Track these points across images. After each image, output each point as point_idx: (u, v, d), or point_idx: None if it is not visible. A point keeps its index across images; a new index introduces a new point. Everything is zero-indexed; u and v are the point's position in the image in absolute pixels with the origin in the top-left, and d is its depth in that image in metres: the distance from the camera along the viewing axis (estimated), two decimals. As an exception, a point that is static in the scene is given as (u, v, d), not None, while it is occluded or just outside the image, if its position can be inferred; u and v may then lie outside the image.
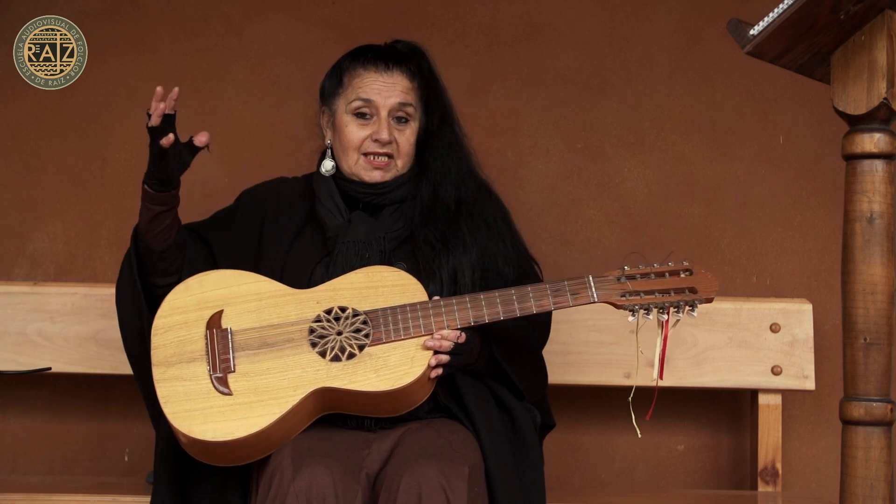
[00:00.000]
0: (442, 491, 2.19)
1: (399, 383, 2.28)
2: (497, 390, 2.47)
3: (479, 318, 2.35)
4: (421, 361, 2.31)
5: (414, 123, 2.58)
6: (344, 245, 2.49)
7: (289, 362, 2.30)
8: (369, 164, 2.55)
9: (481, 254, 2.50)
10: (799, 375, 3.04)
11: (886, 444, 2.02)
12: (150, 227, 2.42)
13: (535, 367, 2.58)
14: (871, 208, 2.01)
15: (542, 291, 2.37)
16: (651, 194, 3.29)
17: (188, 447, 2.30)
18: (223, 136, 3.29)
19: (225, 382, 2.28)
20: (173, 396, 2.28)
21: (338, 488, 2.19)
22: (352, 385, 2.28)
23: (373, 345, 2.32)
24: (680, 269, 2.40)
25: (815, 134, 3.27)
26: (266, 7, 3.33)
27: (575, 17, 3.32)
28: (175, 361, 2.31)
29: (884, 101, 1.99)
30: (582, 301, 2.37)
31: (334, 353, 2.31)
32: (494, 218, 2.58)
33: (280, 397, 2.26)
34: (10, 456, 3.24)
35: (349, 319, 2.35)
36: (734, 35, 2.03)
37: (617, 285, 2.38)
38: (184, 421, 2.25)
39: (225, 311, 2.36)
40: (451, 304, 2.36)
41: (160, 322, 2.36)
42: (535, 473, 2.44)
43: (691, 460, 3.26)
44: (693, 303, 2.37)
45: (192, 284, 2.40)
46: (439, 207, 2.53)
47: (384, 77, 2.55)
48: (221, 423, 2.24)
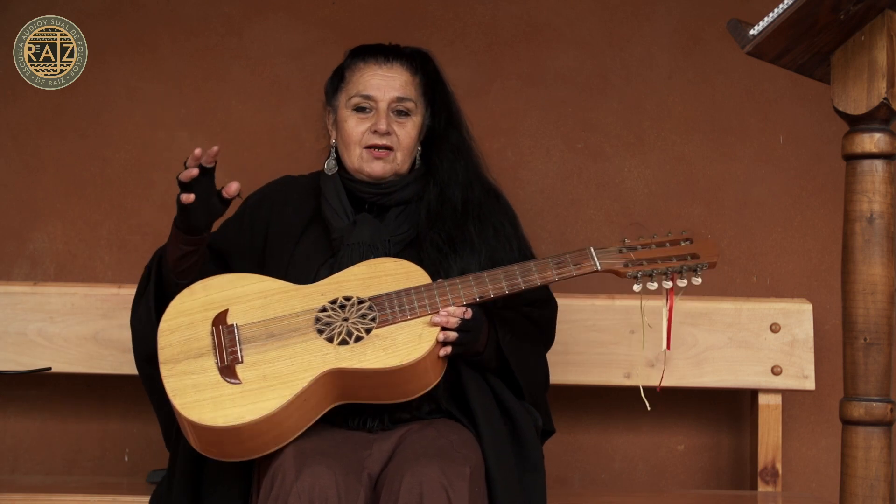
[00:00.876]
0: (443, 491, 2.19)
1: (409, 358, 2.29)
2: (499, 392, 2.47)
3: (483, 293, 2.36)
4: (429, 337, 2.32)
5: (415, 118, 2.58)
6: (349, 247, 2.49)
7: (296, 349, 2.31)
8: (370, 155, 2.54)
9: (488, 257, 2.50)
10: (799, 375, 3.04)
11: (886, 444, 2.02)
12: (178, 263, 2.44)
13: (538, 366, 2.58)
14: (871, 208, 2.01)
15: (545, 264, 2.39)
16: (651, 194, 3.29)
17: (200, 441, 2.28)
18: (223, 136, 3.29)
19: (233, 372, 2.28)
20: (182, 389, 2.27)
21: (340, 489, 2.18)
22: (361, 364, 2.28)
23: (380, 326, 2.33)
24: (680, 239, 2.41)
25: (815, 134, 3.27)
26: (266, 7, 3.33)
27: (575, 17, 3.32)
28: (182, 358, 2.31)
29: (884, 101, 1.99)
30: (585, 270, 2.38)
31: (342, 337, 2.32)
32: (502, 222, 2.58)
33: (290, 381, 2.26)
34: (10, 456, 3.24)
35: (355, 307, 2.36)
36: (734, 35, 2.03)
37: (619, 255, 2.38)
38: (193, 410, 2.24)
39: (230, 309, 2.37)
40: (455, 283, 2.37)
41: (165, 325, 2.36)
42: (536, 476, 2.44)
43: (691, 460, 3.26)
44: (696, 268, 2.36)
45: (196, 289, 2.41)
46: (446, 209, 2.53)
47: (383, 70, 2.56)
48: (232, 409, 2.23)
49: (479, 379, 2.46)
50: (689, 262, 2.36)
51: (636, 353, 2.91)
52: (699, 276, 2.37)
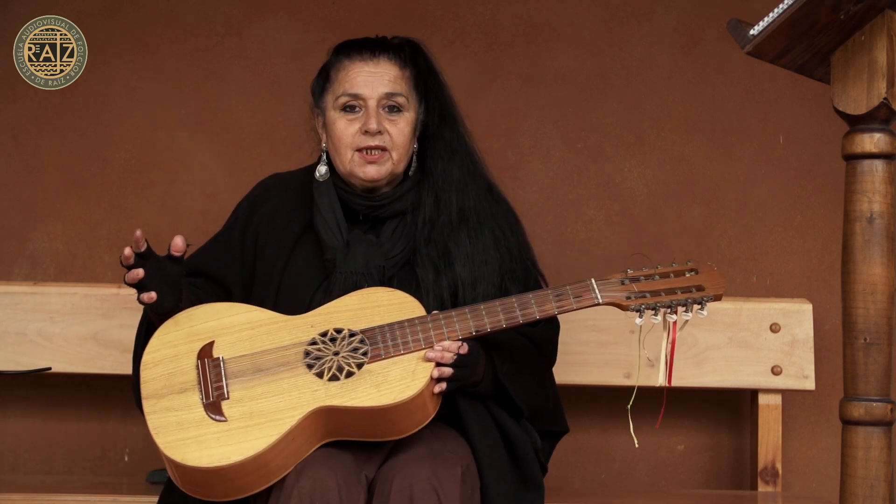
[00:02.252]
0: (433, 492, 2.16)
1: (402, 396, 2.18)
2: (496, 413, 2.40)
3: (480, 327, 2.28)
4: (423, 373, 2.21)
5: (408, 114, 2.47)
6: (342, 276, 2.41)
7: (285, 385, 2.20)
8: (363, 158, 2.44)
9: (486, 270, 2.43)
10: (799, 375, 3.04)
11: (886, 444, 2.02)
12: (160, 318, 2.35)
13: (539, 388, 2.49)
14: (871, 208, 2.01)
15: (545, 297, 2.30)
16: (651, 194, 3.29)
17: (184, 481, 2.19)
18: (223, 136, 3.29)
19: (219, 409, 2.19)
20: (165, 427, 2.18)
21: (342, 490, 2.16)
22: (352, 402, 2.18)
23: (371, 361, 2.23)
24: (685, 270, 2.33)
25: (815, 134, 3.27)
26: (266, 7, 3.33)
27: (575, 17, 3.32)
28: (165, 393, 2.22)
29: (884, 101, 1.99)
30: (586, 303, 2.30)
31: (332, 372, 2.21)
32: (502, 229, 2.49)
33: (277, 419, 2.16)
34: (10, 456, 3.24)
35: (346, 340, 2.26)
36: (734, 35, 2.03)
37: (621, 287, 2.30)
38: (177, 450, 2.14)
39: (216, 341, 2.28)
40: (450, 316, 2.28)
41: (148, 357, 2.26)
42: (534, 494, 2.41)
43: (691, 460, 3.26)
44: (702, 300, 2.27)
45: (181, 319, 2.31)
46: (442, 219, 2.44)
47: (370, 66, 2.45)
48: (217, 449, 2.13)
49: (475, 400, 2.39)
50: (693, 295, 2.28)
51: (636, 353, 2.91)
52: (704, 310, 2.28)
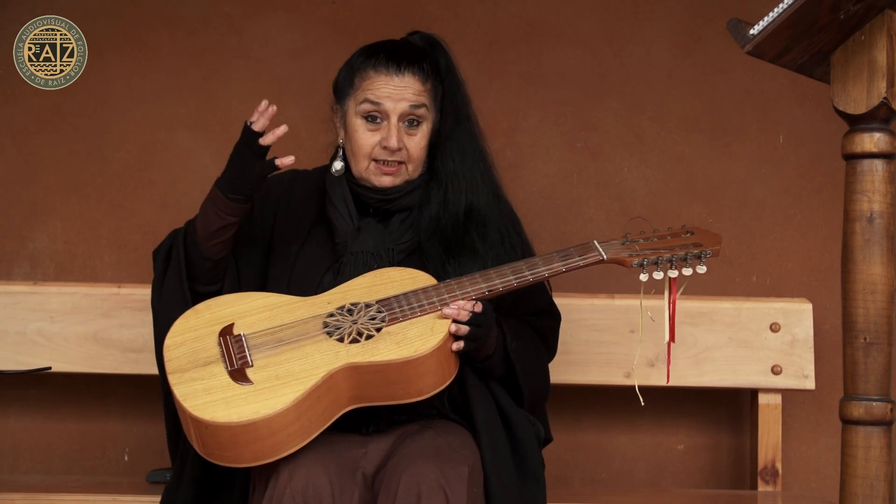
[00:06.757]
0: (441, 490, 2.18)
1: (423, 348, 2.27)
2: (501, 401, 2.45)
3: (492, 287, 2.36)
4: (441, 329, 2.30)
5: (426, 125, 2.53)
6: (352, 255, 2.48)
7: (307, 350, 2.29)
8: (379, 170, 2.50)
9: (493, 265, 2.45)
10: (799, 375, 3.04)
11: (886, 444, 2.02)
12: (215, 235, 2.43)
13: (540, 375, 2.55)
14: (871, 208, 2.01)
15: (551, 258, 2.39)
16: (651, 193, 3.29)
17: (212, 445, 2.25)
18: (223, 136, 3.28)
19: (244, 375, 2.26)
20: (192, 393, 2.25)
21: (334, 488, 2.18)
22: (375, 357, 2.26)
23: (390, 324, 2.32)
24: (681, 232, 2.42)
25: (815, 134, 3.27)
26: (266, 6, 3.33)
27: (575, 17, 3.32)
28: (190, 367, 2.29)
29: (884, 100, 1.99)
30: (592, 261, 2.38)
31: (352, 336, 2.31)
32: (507, 228, 2.56)
33: (303, 378, 2.24)
34: (10, 456, 3.24)
35: (363, 311, 2.35)
36: (734, 35, 2.03)
37: (623, 247, 2.39)
38: (206, 410, 2.21)
39: (236, 322, 2.36)
40: (462, 281, 2.37)
41: (171, 341, 2.34)
42: (537, 486, 2.42)
43: (691, 460, 3.26)
44: (700, 255, 2.36)
45: (200, 308, 2.40)
46: (449, 215, 2.50)
47: (395, 80, 2.49)
48: (245, 406, 2.20)
49: (482, 387, 2.44)
50: (692, 250, 2.36)
51: (636, 353, 2.91)
52: (703, 265, 2.36)
